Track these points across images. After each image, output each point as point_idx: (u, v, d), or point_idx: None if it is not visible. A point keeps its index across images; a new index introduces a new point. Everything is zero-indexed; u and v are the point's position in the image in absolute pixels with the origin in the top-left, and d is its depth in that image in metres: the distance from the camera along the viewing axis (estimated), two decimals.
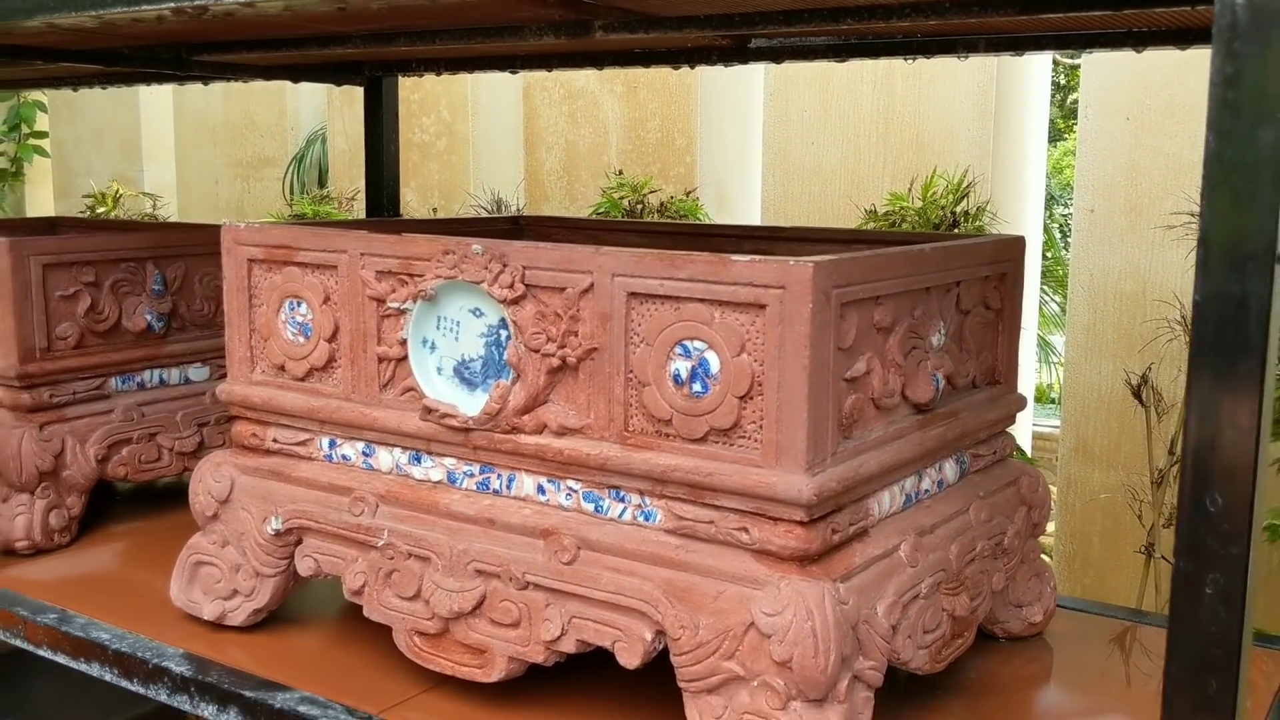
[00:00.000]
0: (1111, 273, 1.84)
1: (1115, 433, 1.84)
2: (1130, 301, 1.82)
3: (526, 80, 2.36)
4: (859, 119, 2.02)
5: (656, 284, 0.85)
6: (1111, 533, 1.82)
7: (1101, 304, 1.85)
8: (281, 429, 1.06)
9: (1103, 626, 1.18)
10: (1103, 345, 1.85)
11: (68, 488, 1.32)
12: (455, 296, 0.95)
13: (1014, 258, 1.08)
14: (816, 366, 0.80)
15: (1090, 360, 1.87)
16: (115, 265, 1.38)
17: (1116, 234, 1.83)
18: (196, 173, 2.91)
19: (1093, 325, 1.86)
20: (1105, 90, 1.83)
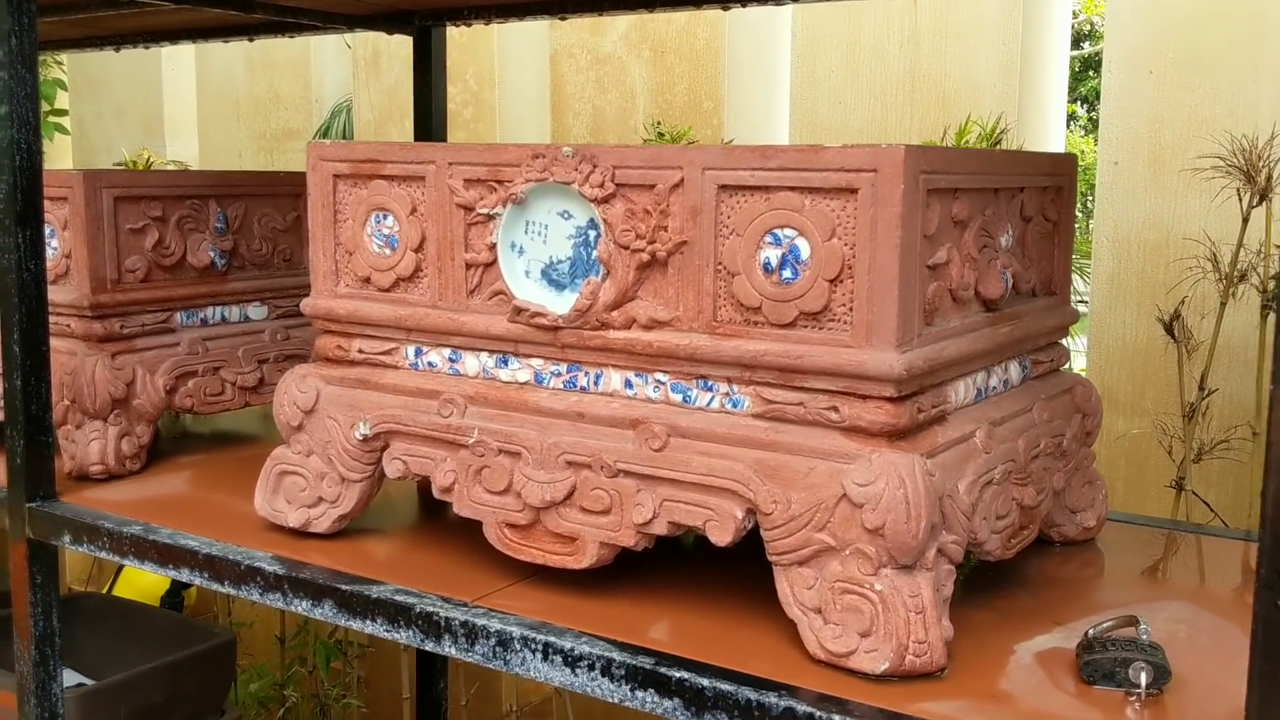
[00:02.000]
0: (1135, 223, 1.88)
1: (1140, 380, 1.88)
2: (1154, 250, 1.86)
3: (553, 48, 2.40)
4: (886, 78, 2.06)
5: (747, 175, 0.88)
6: (1135, 477, 1.86)
7: (1125, 254, 1.89)
8: (367, 339, 1.09)
9: (1149, 535, 1.22)
10: (1127, 295, 1.89)
11: (138, 416, 1.35)
12: (544, 200, 0.99)
13: (1068, 173, 1.12)
14: (906, 248, 0.84)
15: (1114, 310, 1.91)
16: (180, 202, 1.41)
17: (1140, 185, 1.87)
18: (220, 146, 2.94)
19: (1116, 275, 1.90)
20: (1128, 45, 1.87)
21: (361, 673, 2.52)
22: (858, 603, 0.84)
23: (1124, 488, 1.88)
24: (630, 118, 2.33)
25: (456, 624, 0.93)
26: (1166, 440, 1.64)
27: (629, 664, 0.86)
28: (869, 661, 0.83)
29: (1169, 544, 1.21)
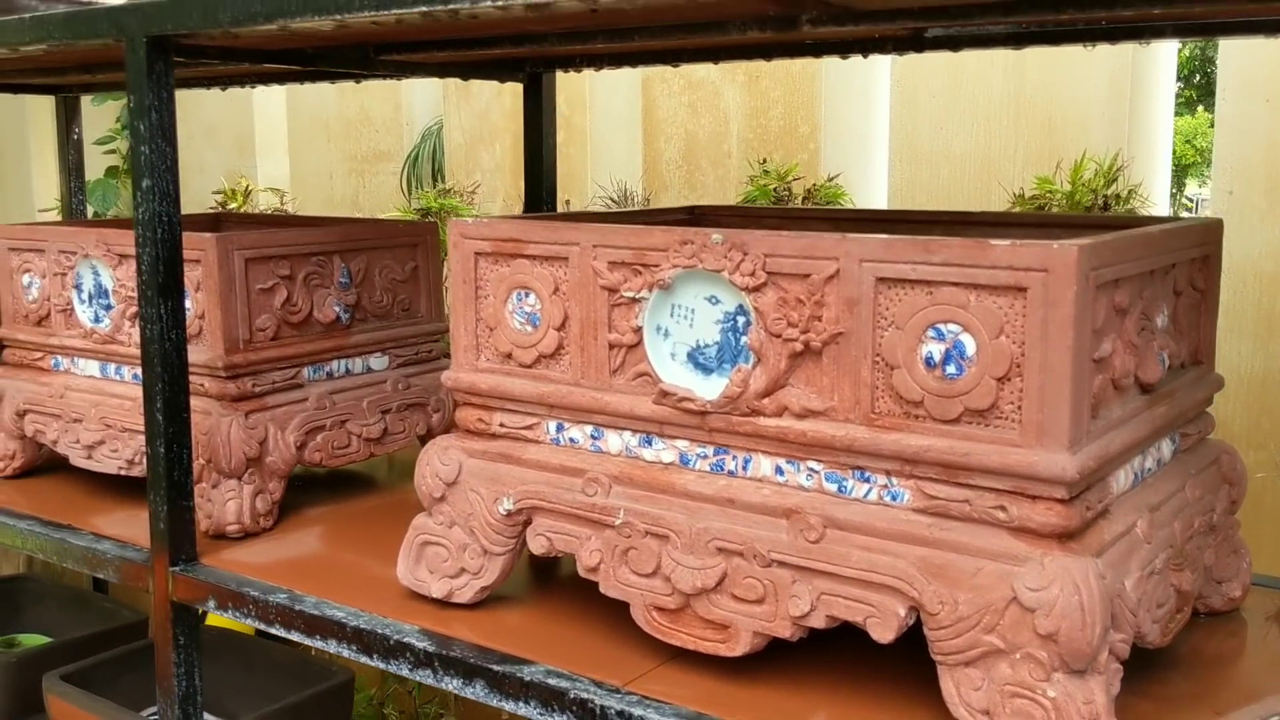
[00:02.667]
0: (1251, 254, 1.84)
1: (1256, 412, 1.84)
2: (1271, 282, 1.82)
3: (645, 71, 2.39)
4: (990, 103, 2.03)
5: (908, 269, 0.88)
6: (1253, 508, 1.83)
7: (1241, 285, 1.85)
8: (508, 414, 1.10)
9: None
10: (1243, 326, 1.85)
11: (270, 473, 1.37)
12: (691, 285, 0.98)
13: (1215, 240, 1.10)
14: (1078, 347, 0.83)
15: (1229, 341, 1.87)
16: (307, 259, 1.43)
17: (1256, 215, 1.83)
18: (311, 168, 2.97)
19: (1232, 306, 1.86)
20: (1243, 72, 1.83)
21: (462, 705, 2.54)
22: (1029, 708, 0.83)
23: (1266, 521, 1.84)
24: (724, 142, 2.32)
25: (613, 713, 0.94)
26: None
27: None
28: None
29: None
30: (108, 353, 1.47)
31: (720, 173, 2.34)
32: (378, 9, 1.00)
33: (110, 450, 1.44)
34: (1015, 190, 1.75)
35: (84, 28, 1.24)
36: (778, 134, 2.26)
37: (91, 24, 1.23)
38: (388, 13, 1.00)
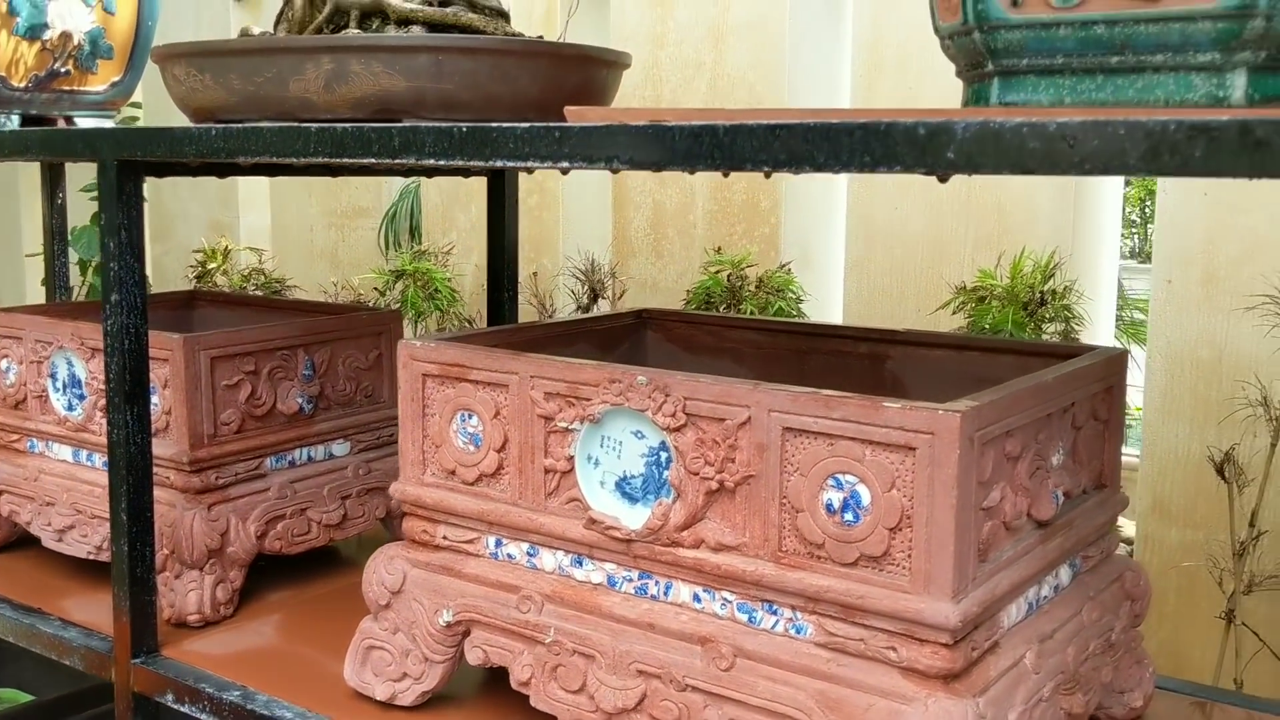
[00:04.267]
0: (1188, 340, 1.91)
1: (1191, 494, 1.91)
2: (1206, 368, 1.89)
3: None
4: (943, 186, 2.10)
5: (811, 421, 0.94)
6: (1188, 590, 1.90)
7: (1179, 370, 1.92)
8: (451, 528, 1.17)
9: (1196, 710, 1.26)
10: (1180, 410, 1.92)
11: (231, 562, 1.43)
12: (619, 419, 1.05)
13: (1119, 371, 1.17)
14: (962, 503, 0.89)
15: (1167, 423, 1.94)
16: (272, 354, 1.49)
17: (1193, 304, 1.90)
18: (292, 220, 3.04)
19: (1169, 390, 1.94)
20: None
21: None
22: None
23: (1176, 599, 1.91)
24: (689, 213, 2.39)
25: None
26: (1217, 571, 1.68)
27: None
28: None
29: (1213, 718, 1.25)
30: (80, 440, 1.53)
31: (686, 242, 2.41)
32: (330, 156, 1.07)
33: (80, 535, 1.51)
34: (959, 280, 1.82)
35: (60, 147, 1.31)
36: (740, 208, 2.33)
37: (67, 144, 1.30)
38: (339, 160, 1.07)
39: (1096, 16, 0.86)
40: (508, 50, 1.26)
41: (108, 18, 1.81)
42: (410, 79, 1.23)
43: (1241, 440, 1.72)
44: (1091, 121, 0.71)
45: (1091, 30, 0.86)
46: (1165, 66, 0.85)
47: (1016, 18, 0.89)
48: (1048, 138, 0.72)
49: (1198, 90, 0.85)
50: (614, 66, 1.38)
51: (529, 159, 0.95)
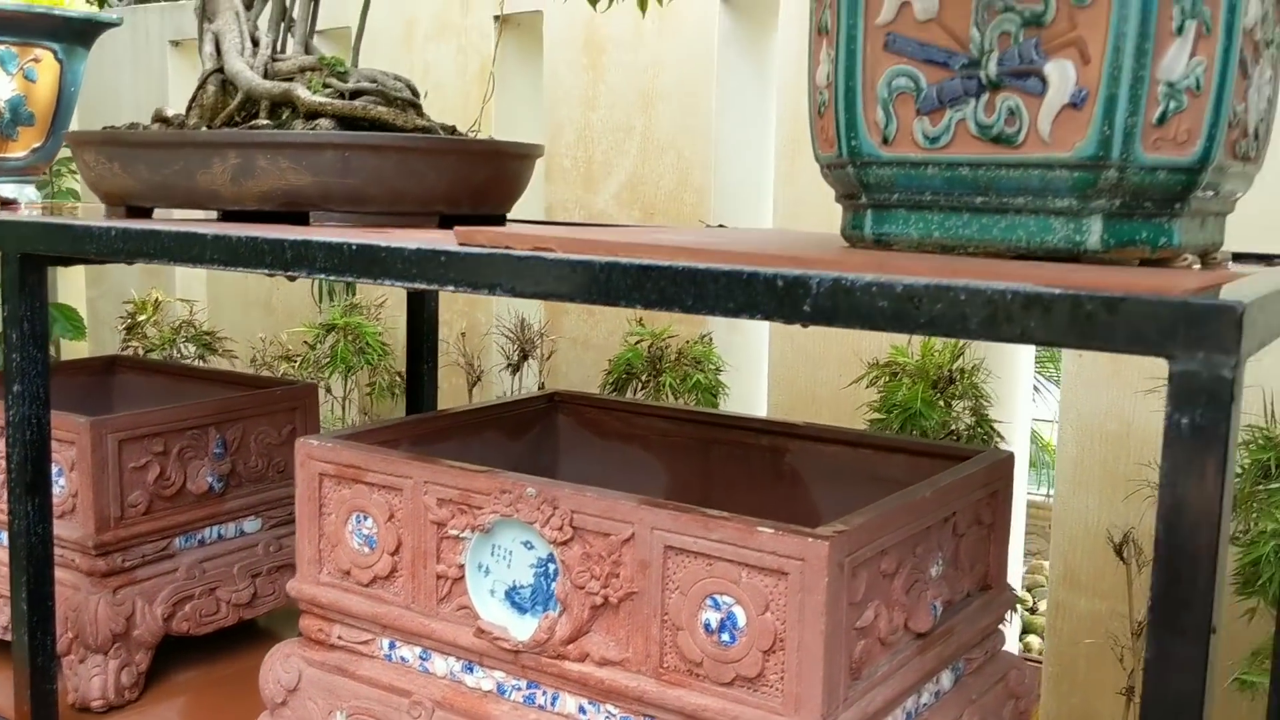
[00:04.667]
0: (1098, 413, 1.95)
1: (1100, 564, 1.95)
2: (1114, 441, 1.94)
3: (548, 201, 2.49)
4: None
5: (691, 541, 0.96)
6: (1097, 659, 1.93)
7: (1089, 442, 1.96)
8: (346, 628, 1.17)
9: None
10: (1090, 480, 1.96)
11: (137, 646, 1.43)
12: (509, 529, 1.07)
13: (1005, 475, 1.20)
14: (832, 627, 0.91)
15: (1077, 494, 1.98)
16: (182, 434, 1.49)
17: (1102, 379, 1.94)
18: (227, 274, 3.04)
19: (1080, 460, 1.98)
20: None
21: None
22: None
23: (1086, 666, 1.95)
24: None
25: None
26: (1118, 649, 1.71)
27: None
28: None
29: None
30: None
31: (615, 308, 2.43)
32: (224, 265, 1.08)
33: None
34: (876, 355, 1.86)
35: None
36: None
37: None
38: (233, 269, 1.08)
39: (961, 159, 0.89)
40: (413, 148, 1.27)
41: (29, 85, 1.81)
42: (316, 175, 1.24)
43: (1144, 518, 1.76)
44: (936, 285, 0.73)
45: (957, 171, 0.89)
46: (1026, 209, 0.88)
47: (887, 155, 0.92)
48: (895, 298, 0.75)
49: (1057, 233, 0.88)
50: (525, 159, 1.40)
51: (416, 280, 0.97)
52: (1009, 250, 0.90)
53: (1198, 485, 0.67)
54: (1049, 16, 0.84)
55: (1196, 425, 0.67)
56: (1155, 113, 0.83)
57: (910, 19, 0.89)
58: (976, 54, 0.86)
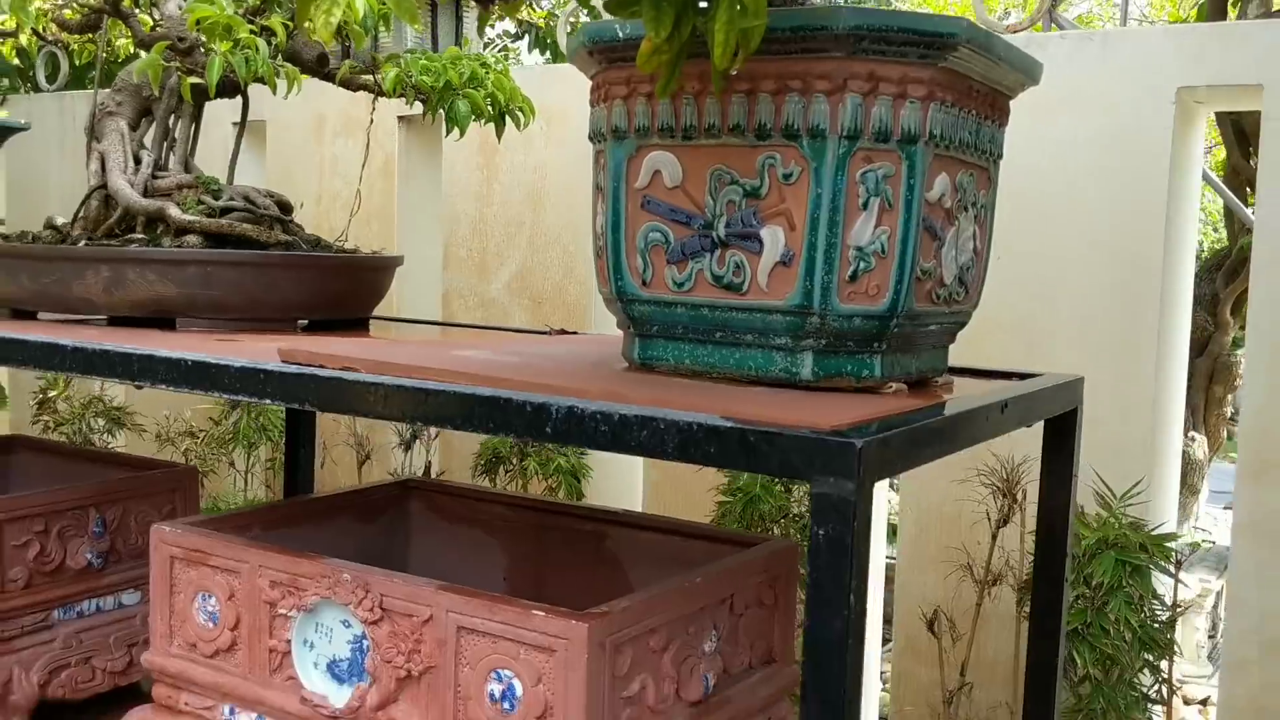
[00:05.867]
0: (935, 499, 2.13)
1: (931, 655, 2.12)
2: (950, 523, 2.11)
3: (446, 288, 2.65)
4: None
5: (479, 621, 1.11)
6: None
7: (928, 523, 2.14)
8: (192, 695, 1.30)
9: None
10: (926, 557, 2.13)
11: (13, 710, 1.55)
12: (330, 609, 1.21)
13: (789, 562, 1.36)
14: (592, 697, 1.06)
15: (918, 569, 2.15)
16: (63, 514, 1.62)
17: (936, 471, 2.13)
18: None
19: (919, 538, 2.15)
20: None
21: None
22: None
23: None
24: None
25: None
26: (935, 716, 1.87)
27: None
28: None
29: None
30: None
31: None
32: (82, 373, 1.23)
33: None
34: None
35: None
36: None
37: None
38: (89, 376, 1.22)
39: (702, 301, 1.06)
40: (270, 263, 1.43)
41: None
42: (181, 286, 1.40)
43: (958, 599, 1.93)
44: (642, 415, 0.90)
45: (699, 311, 1.06)
46: (754, 344, 1.05)
47: (646, 295, 1.09)
48: (613, 425, 0.91)
49: (778, 365, 1.05)
50: (381, 270, 1.56)
51: (240, 393, 1.12)
52: (743, 377, 1.06)
53: (834, 580, 0.83)
54: (764, 190, 1.01)
55: (830, 535, 0.83)
56: (848, 271, 1.01)
57: (661, 185, 1.06)
58: (710, 217, 1.04)
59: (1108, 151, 1.99)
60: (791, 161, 1.00)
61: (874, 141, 1.00)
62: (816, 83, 0.98)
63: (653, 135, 1.06)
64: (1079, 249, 2.01)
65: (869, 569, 0.86)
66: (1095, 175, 2.00)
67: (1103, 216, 1.99)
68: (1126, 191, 1.98)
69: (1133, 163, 1.98)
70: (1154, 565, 1.72)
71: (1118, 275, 1.98)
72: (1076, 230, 2.01)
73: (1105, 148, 2.00)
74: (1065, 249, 2.02)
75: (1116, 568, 1.69)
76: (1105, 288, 1.99)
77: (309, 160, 2.78)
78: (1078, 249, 2.01)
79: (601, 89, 1.12)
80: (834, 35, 0.96)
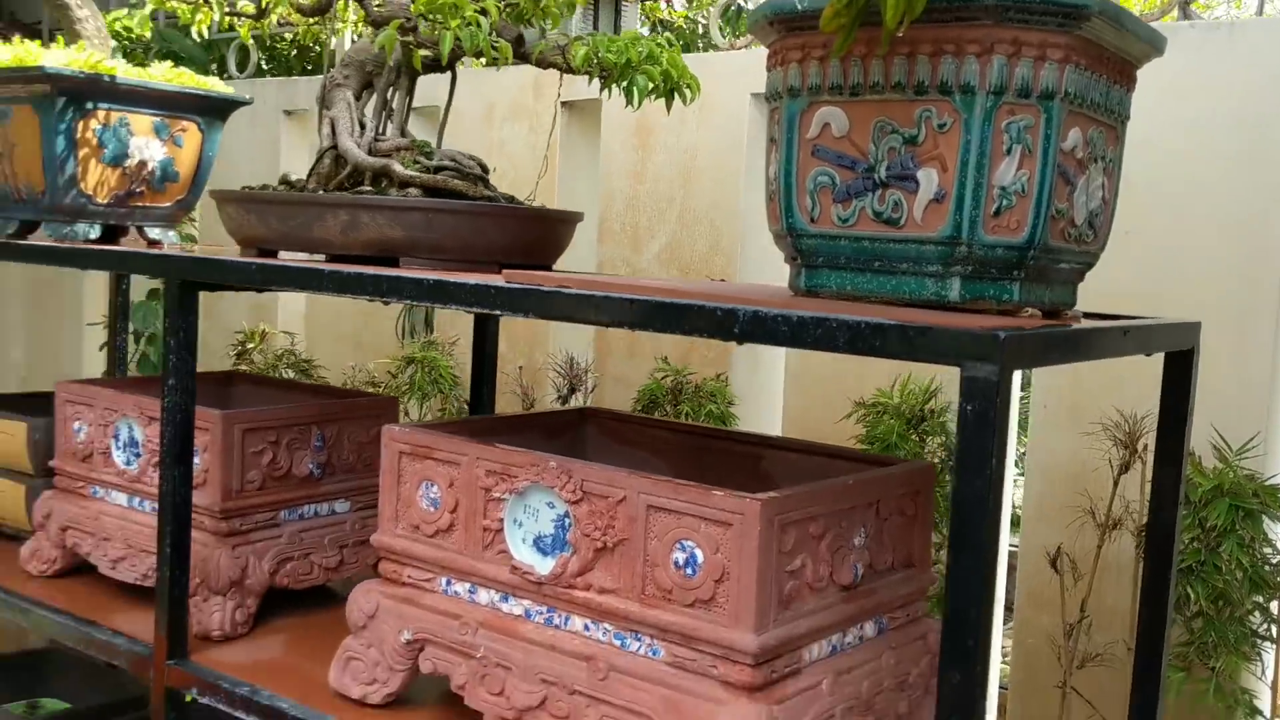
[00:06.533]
0: (1059, 457, 2.27)
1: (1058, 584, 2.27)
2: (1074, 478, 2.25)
3: (600, 258, 2.88)
4: None
5: (666, 501, 1.32)
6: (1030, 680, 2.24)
7: (1050, 482, 2.28)
8: (414, 569, 1.55)
9: None
10: (1050, 515, 2.28)
11: (248, 592, 1.82)
12: (537, 493, 1.43)
13: (925, 480, 1.54)
14: (763, 565, 1.27)
15: (1042, 522, 2.30)
16: (290, 429, 1.89)
17: (1063, 426, 2.27)
18: (323, 307, 3.47)
19: (1045, 494, 2.30)
20: None
21: None
22: None
23: (1019, 686, 2.25)
24: None
25: None
26: (1055, 648, 2.02)
27: None
28: None
29: None
30: (134, 489, 1.93)
31: (657, 345, 2.80)
32: (336, 293, 1.48)
33: (130, 565, 1.90)
34: (861, 394, 2.21)
35: (136, 265, 1.73)
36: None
37: (142, 264, 1.72)
38: (343, 295, 1.47)
39: (863, 235, 1.25)
40: (480, 212, 1.67)
41: (176, 150, 2.25)
42: (407, 230, 1.64)
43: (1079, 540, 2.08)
44: (816, 316, 1.10)
45: (860, 243, 1.26)
46: (908, 271, 1.24)
47: (813, 230, 1.29)
48: (792, 325, 1.11)
49: (929, 289, 1.24)
50: (566, 223, 1.79)
51: (474, 306, 1.35)
52: (898, 300, 1.26)
53: (978, 448, 1.02)
54: (921, 137, 1.20)
55: (976, 410, 1.02)
56: (992, 207, 1.19)
57: (830, 135, 1.26)
58: (873, 161, 1.23)
59: (1234, 135, 2.12)
60: (945, 113, 1.19)
61: (1017, 97, 1.18)
62: (968, 46, 1.17)
63: (823, 93, 1.26)
64: (1205, 228, 2.14)
65: (1006, 442, 1.04)
66: (1224, 158, 2.12)
67: (1229, 198, 2.12)
68: (1253, 174, 2.10)
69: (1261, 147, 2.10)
70: (1266, 513, 1.85)
71: (1240, 252, 2.10)
72: (1204, 210, 2.14)
73: (1232, 131, 2.12)
74: (1191, 227, 2.15)
75: (1230, 511, 1.83)
76: (1228, 264, 2.11)
77: (479, 143, 3.04)
78: (1204, 228, 2.14)
79: (778, 54, 1.32)
80: (984, 6, 1.15)
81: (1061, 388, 2.27)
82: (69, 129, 2.07)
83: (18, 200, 2.16)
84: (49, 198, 2.10)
